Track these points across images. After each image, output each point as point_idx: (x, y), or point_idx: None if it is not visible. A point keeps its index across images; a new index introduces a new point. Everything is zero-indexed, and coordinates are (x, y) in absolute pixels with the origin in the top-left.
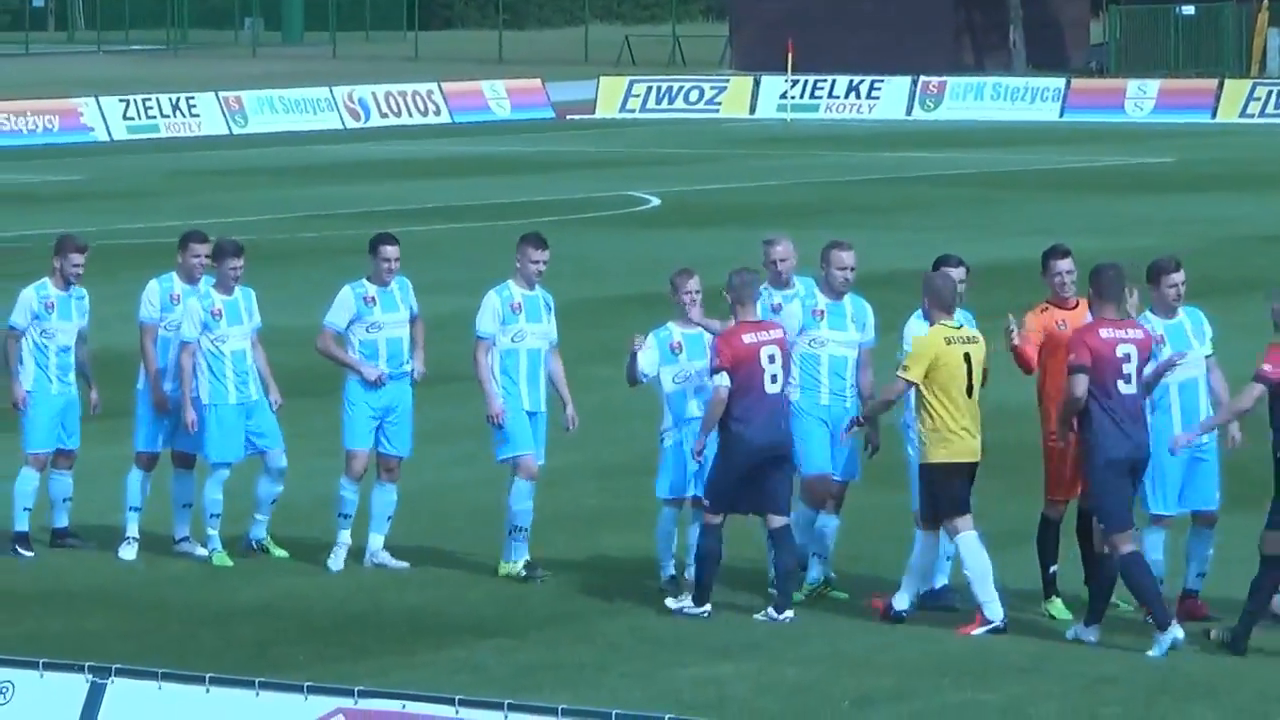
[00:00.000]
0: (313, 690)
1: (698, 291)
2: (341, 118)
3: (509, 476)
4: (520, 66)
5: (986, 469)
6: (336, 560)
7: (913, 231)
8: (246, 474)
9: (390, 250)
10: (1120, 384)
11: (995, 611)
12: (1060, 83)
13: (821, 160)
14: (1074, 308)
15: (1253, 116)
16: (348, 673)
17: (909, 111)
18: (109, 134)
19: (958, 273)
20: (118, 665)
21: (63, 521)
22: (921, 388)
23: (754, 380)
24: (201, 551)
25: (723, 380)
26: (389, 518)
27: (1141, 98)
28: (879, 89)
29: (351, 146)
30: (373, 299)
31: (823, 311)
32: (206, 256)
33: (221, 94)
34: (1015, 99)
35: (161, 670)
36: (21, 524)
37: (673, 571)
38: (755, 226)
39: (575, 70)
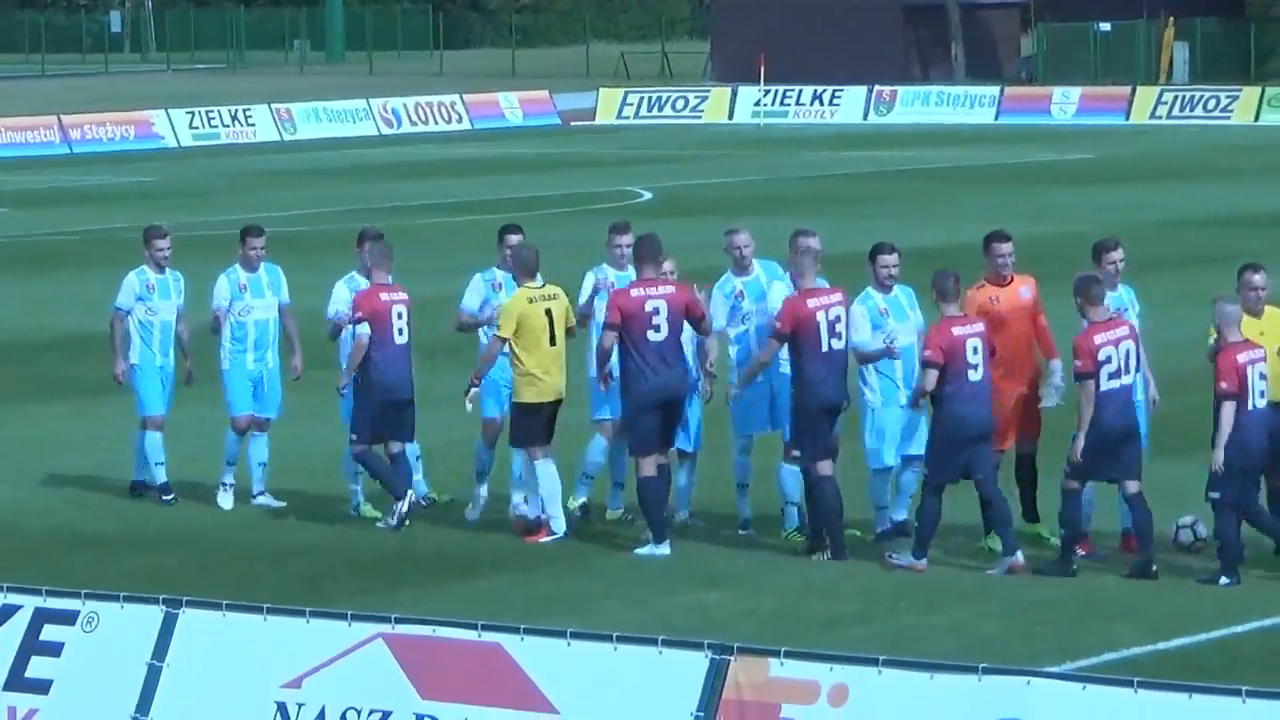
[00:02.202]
0: (356, 618)
1: (673, 272)
2: (377, 125)
3: (593, 433)
4: (531, 80)
5: None
6: (475, 512)
7: (870, 220)
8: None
9: (513, 238)
10: (650, 333)
11: (559, 526)
12: (995, 90)
13: (790, 159)
14: (1008, 284)
15: (1161, 118)
16: (386, 602)
17: (866, 116)
18: (177, 141)
19: (891, 257)
20: (188, 598)
21: (155, 477)
22: (511, 341)
23: (385, 332)
24: (278, 503)
25: (364, 330)
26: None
27: (1065, 103)
28: (839, 97)
29: (385, 150)
30: (499, 285)
31: None
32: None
33: (273, 106)
34: (956, 105)
35: (226, 601)
36: (160, 476)
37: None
38: (734, 216)
39: (578, 83)
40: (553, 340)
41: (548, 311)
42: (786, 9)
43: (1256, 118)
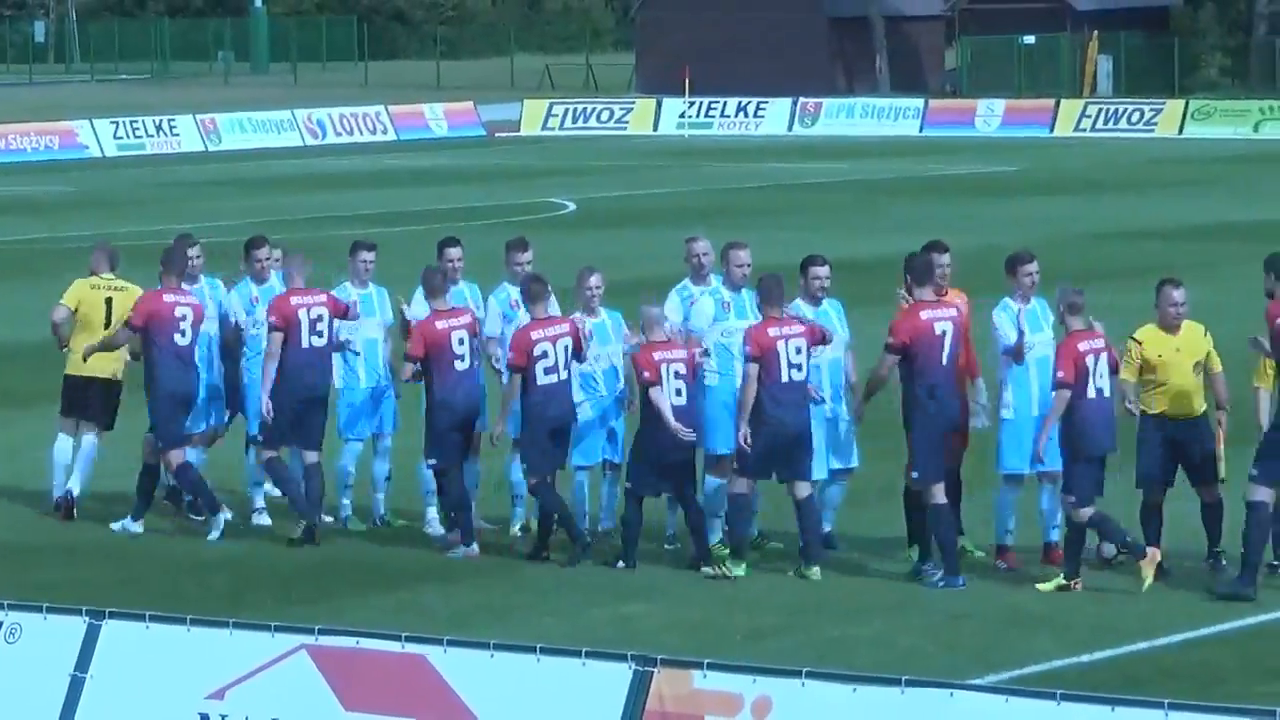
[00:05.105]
0: (279, 629)
1: (599, 287)
2: (302, 136)
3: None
4: (455, 91)
5: (862, 435)
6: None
7: (795, 231)
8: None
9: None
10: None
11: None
12: (919, 103)
13: (715, 170)
14: (944, 296)
15: (1085, 131)
16: (309, 614)
17: (790, 128)
18: (101, 151)
19: (823, 270)
20: (111, 609)
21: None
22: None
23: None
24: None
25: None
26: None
27: (989, 115)
28: (764, 109)
29: (311, 161)
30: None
31: (729, 304)
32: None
33: (198, 116)
34: (881, 117)
35: (149, 613)
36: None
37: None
38: (658, 228)
39: (503, 94)
40: (107, 325)
41: (108, 300)
42: (711, 21)
43: (1180, 130)
